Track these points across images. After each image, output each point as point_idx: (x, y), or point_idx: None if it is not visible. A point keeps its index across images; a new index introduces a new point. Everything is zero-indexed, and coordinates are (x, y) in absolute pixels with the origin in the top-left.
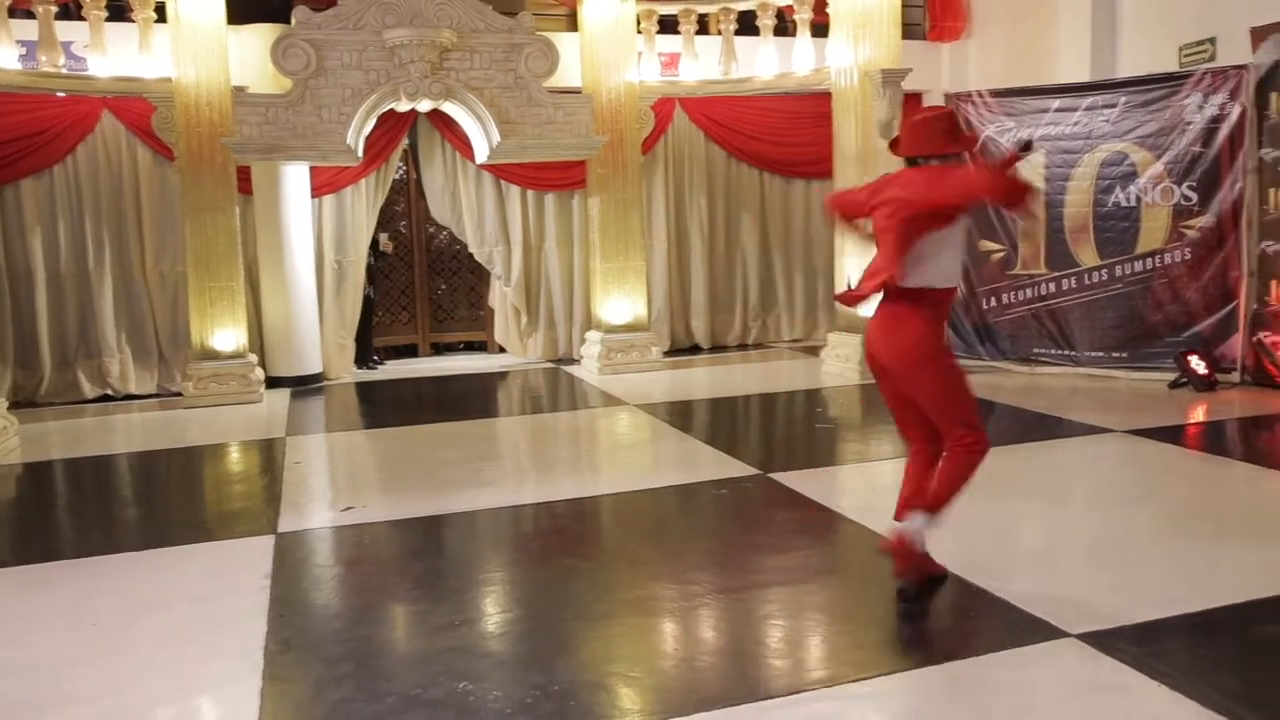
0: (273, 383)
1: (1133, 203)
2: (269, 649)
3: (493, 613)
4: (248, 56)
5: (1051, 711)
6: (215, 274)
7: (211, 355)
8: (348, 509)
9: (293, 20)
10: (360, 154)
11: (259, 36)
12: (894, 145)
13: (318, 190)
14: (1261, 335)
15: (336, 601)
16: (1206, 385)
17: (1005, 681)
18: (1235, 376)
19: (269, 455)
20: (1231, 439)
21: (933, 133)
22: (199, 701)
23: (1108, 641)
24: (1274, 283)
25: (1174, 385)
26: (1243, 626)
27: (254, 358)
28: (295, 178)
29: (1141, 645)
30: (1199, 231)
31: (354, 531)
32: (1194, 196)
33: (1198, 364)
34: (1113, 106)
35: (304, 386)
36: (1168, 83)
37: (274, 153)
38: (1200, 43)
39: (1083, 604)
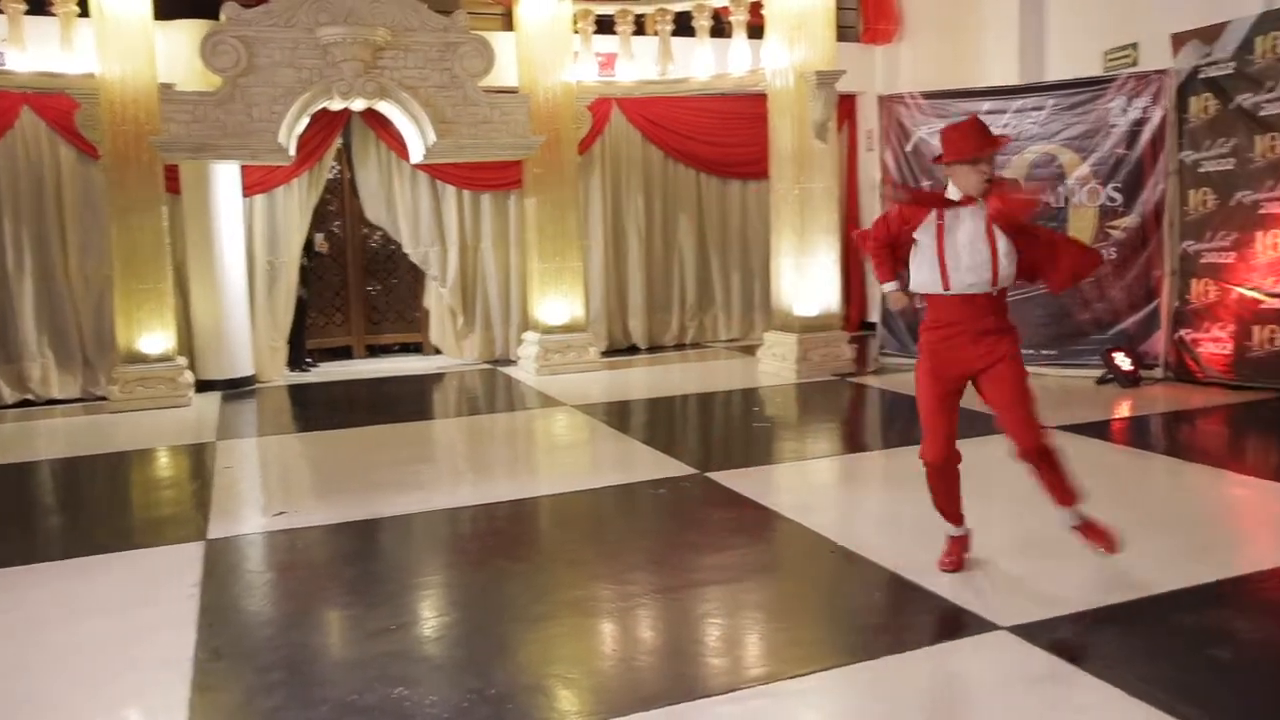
0: (202, 386)
1: (1060, 204)
2: (198, 658)
3: (429, 617)
4: (175, 53)
5: (984, 702)
6: (142, 276)
7: (138, 358)
8: (280, 514)
9: (222, 16)
10: (292, 153)
11: (187, 32)
12: (938, 158)
13: (249, 190)
14: (1183, 333)
15: (269, 608)
16: (1131, 381)
17: (939, 674)
18: (1159, 373)
19: (198, 460)
20: (1155, 434)
21: (970, 137)
22: (124, 714)
23: (1037, 633)
24: (1194, 281)
25: (1101, 381)
26: (1166, 616)
27: (183, 361)
28: (225, 177)
29: (1070, 636)
30: (1124, 232)
31: (287, 537)
32: (1119, 197)
33: (1123, 361)
34: (1041, 109)
35: (235, 390)
36: (1093, 86)
37: (203, 152)
38: (1123, 48)
39: (1013, 597)
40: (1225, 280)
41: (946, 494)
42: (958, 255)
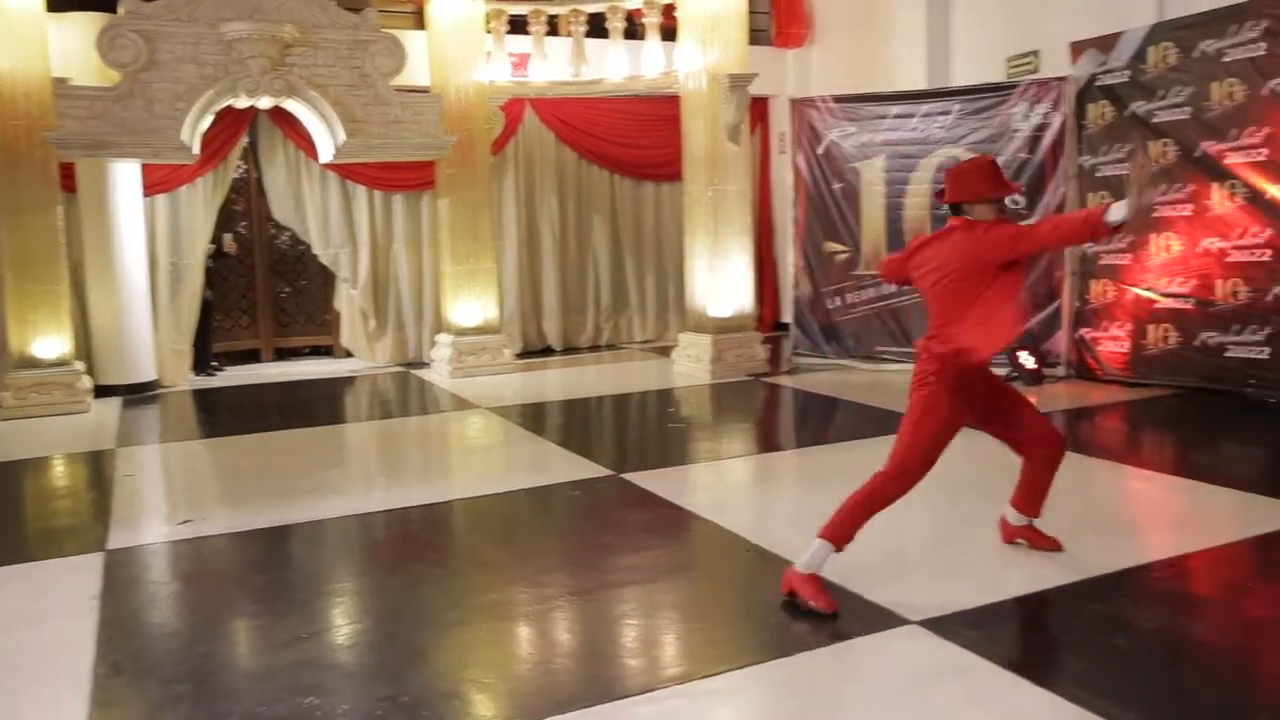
0: (102, 391)
1: None
2: (97, 674)
3: (341, 624)
4: (70, 46)
5: (896, 696)
6: (36, 277)
7: (32, 363)
8: (185, 522)
9: (120, 9)
10: (196, 151)
11: (83, 26)
12: (940, 194)
13: (150, 189)
14: (1083, 332)
15: (173, 620)
16: (1035, 380)
17: (853, 669)
18: (1061, 371)
19: (97, 468)
20: (1057, 429)
21: (972, 179)
22: None
23: (947, 627)
24: (1093, 282)
25: (1006, 380)
26: (1068, 606)
27: (80, 365)
28: (125, 175)
29: (978, 629)
30: None
31: (192, 546)
32: (1022, 200)
33: (1027, 359)
34: (947, 114)
35: (136, 395)
36: (996, 92)
37: (101, 149)
38: (1025, 55)
39: (924, 592)
40: (1122, 281)
41: (874, 514)
42: None
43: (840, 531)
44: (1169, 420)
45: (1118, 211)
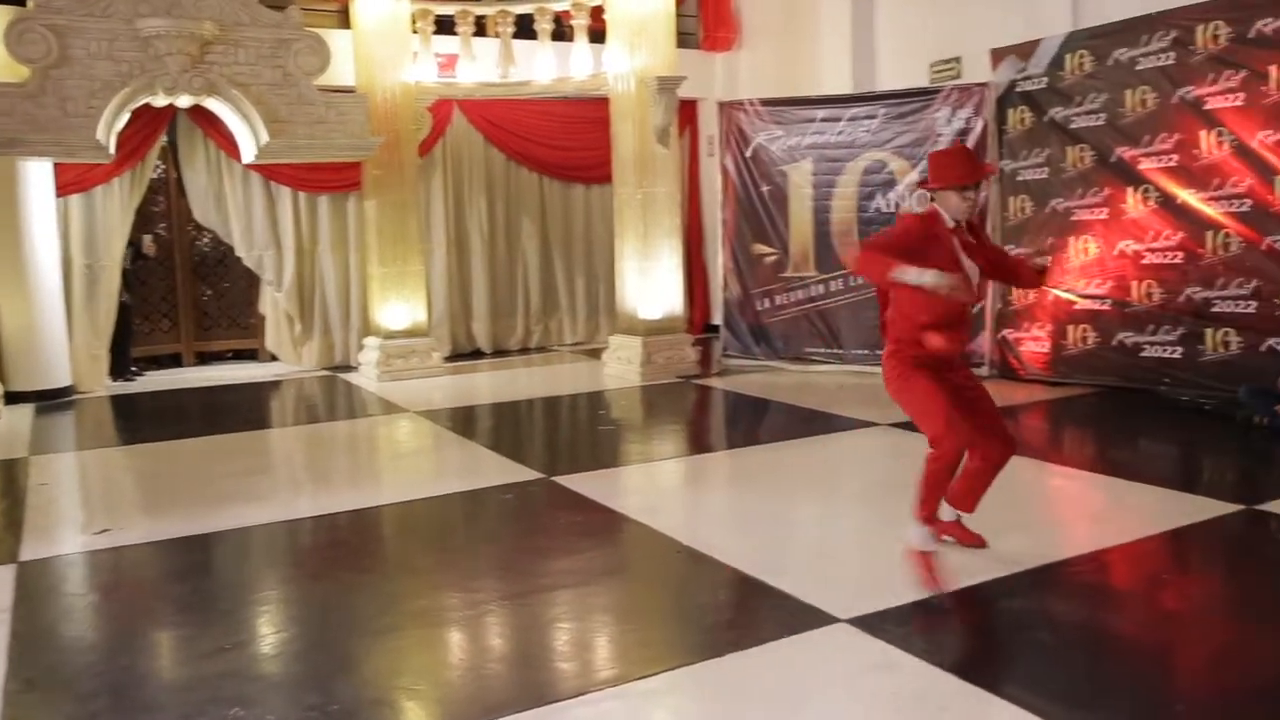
0: (13, 398)
1: (892, 208)
2: (8, 689)
3: (267, 633)
4: None
5: (827, 693)
6: None
7: None
8: (103, 531)
9: (29, 3)
10: (112, 151)
11: None
12: (923, 183)
13: (63, 189)
14: (1006, 332)
15: (90, 632)
16: None
17: (784, 668)
18: (985, 370)
19: (8, 477)
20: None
21: (937, 166)
22: None
23: (875, 624)
24: None
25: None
26: (993, 601)
27: None
28: (36, 175)
29: (904, 626)
30: None
31: (111, 555)
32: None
33: None
34: (873, 117)
35: (50, 401)
36: (920, 97)
37: (11, 147)
38: (948, 61)
39: (852, 590)
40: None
41: (945, 484)
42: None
43: (928, 508)
44: (1088, 418)
45: (914, 275)
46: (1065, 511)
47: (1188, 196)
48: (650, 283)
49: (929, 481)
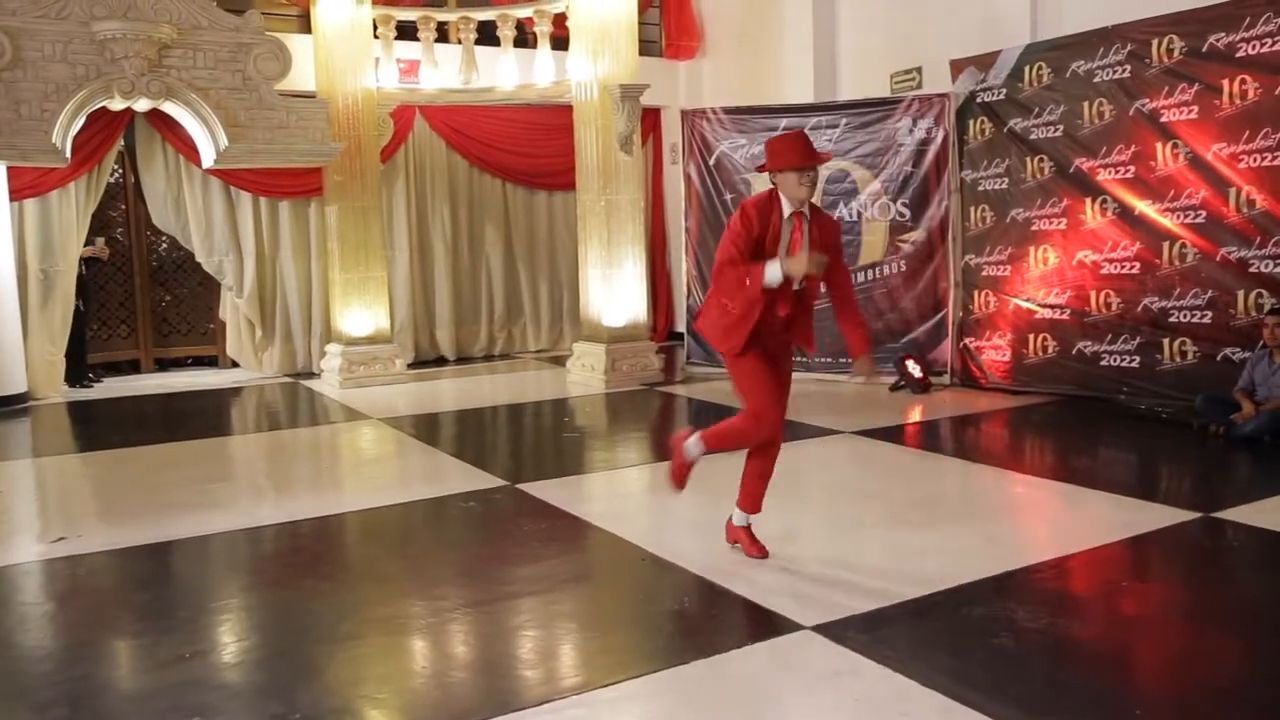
0: None
1: (854, 218)
2: None
3: (228, 642)
4: None
5: (791, 700)
6: None
7: None
8: (59, 540)
9: None
10: (68, 155)
11: None
12: (762, 166)
13: (17, 193)
14: (967, 341)
15: (47, 641)
16: (922, 388)
17: (748, 675)
18: (947, 379)
19: None
20: (943, 436)
21: (775, 150)
22: None
23: (839, 631)
24: (976, 293)
25: (894, 388)
26: (955, 609)
27: None
28: None
29: (868, 632)
30: (912, 245)
31: (67, 564)
32: (907, 213)
33: (914, 368)
34: (835, 127)
35: (6, 408)
36: (882, 107)
37: None
38: (908, 71)
39: (816, 597)
40: (1003, 292)
41: (764, 475)
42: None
43: (714, 444)
44: (1048, 426)
45: (770, 276)
46: (1026, 518)
47: (1145, 208)
48: (614, 290)
49: (725, 434)
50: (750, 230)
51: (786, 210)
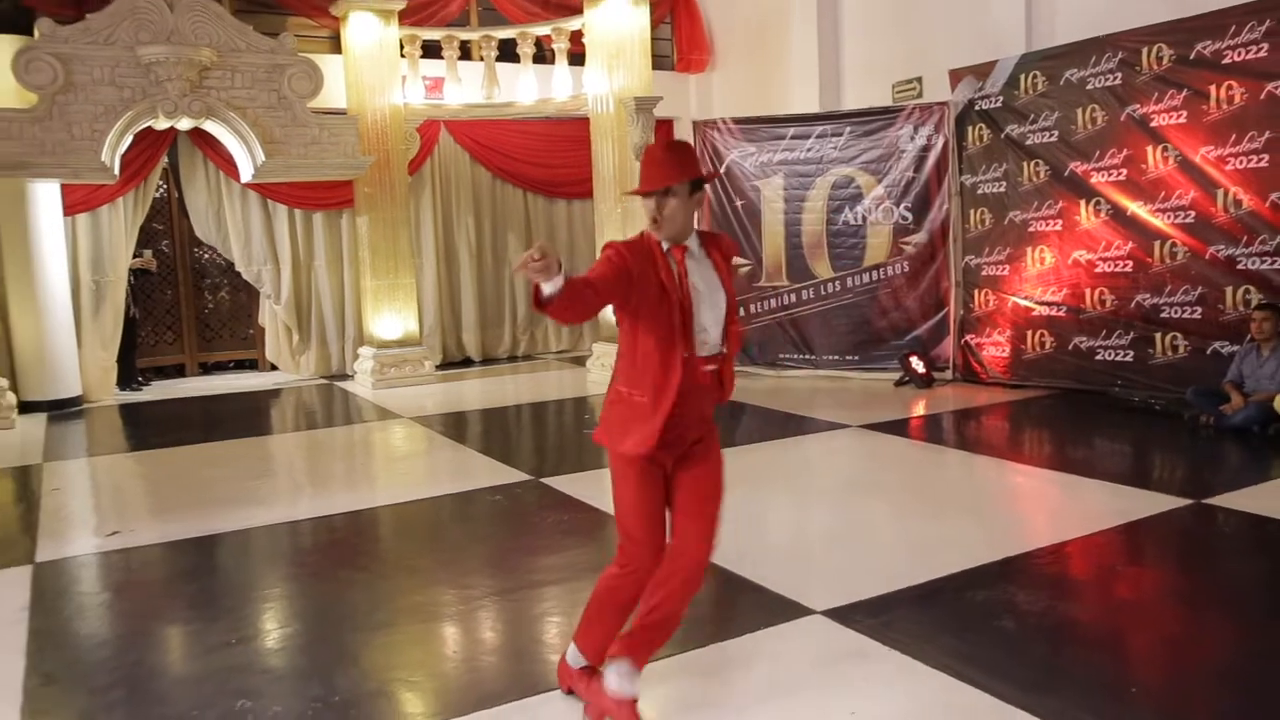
0: (27, 408)
1: (859, 221)
2: (28, 685)
3: (270, 629)
4: None
5: (801, 681)
6: None
7: None
8: (113, 534)
9: (36, 33)
10: (117, 172)
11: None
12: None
13: (71, 209)
14: (968, 338)
15: (103, 629)
16: (925, 383)
17: (761, 657)
18: (949, 374)
19: (24, 483)
20: (946, 429)
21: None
22: None
23: (847, 615)
24: (976, 292)
25: (899, 384)
26: (958, 593)
27: (4, 382)
28: (45, 195)
29: (875, 616)
30: (915, 247)
31: (121, 556)
32: (910, 216)
33: (917, 364)
34: (840, 135)
35: (62, 410)
36: (884, 115)
37: (20, 169)
38: (909, 81)
39: (825, 583)
40: (1002, 291)
41: (616, 606)
42: (699, 307)
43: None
44: (1046, 419)
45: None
46: (1025, 507)
47: (1136, 209)
48: None
49: (597, 598)
50: (620, 261)
51: (665, 245)
